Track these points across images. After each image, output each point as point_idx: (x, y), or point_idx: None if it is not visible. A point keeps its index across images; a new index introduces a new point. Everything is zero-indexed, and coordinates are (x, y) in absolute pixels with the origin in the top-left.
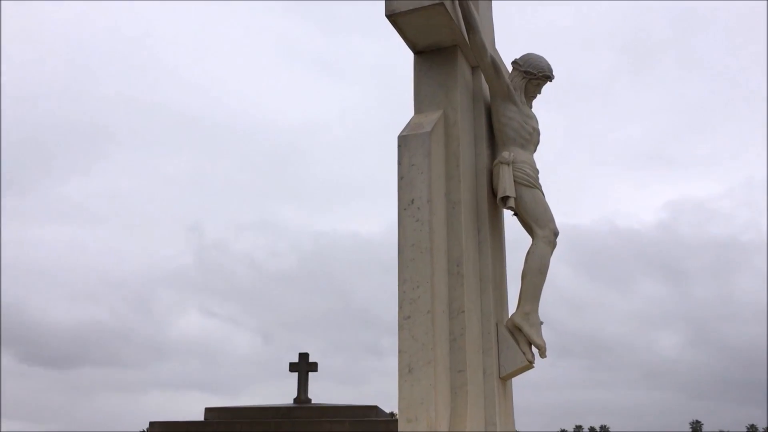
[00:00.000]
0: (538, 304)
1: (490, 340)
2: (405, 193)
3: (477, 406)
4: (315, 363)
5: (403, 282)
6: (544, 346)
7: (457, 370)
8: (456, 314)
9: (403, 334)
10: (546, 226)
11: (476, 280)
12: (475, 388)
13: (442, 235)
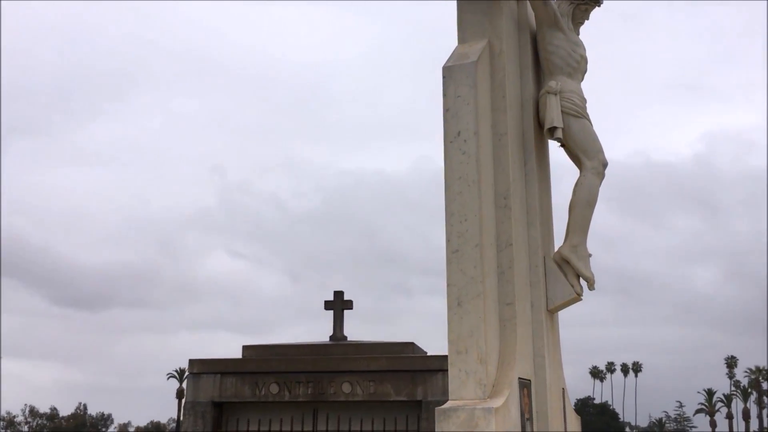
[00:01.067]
0: (586, 236)
1: (537, 273)
2: (451, 126)
3: (525, 338)
4: (350, 301)
5: (450, 215)
6: (592, 278)
7: (506, 302)
8: (504, 247)
9: (451, 268)
10: (595, 156)
11: (523, 213)
12: (523, 320)
13: (489, 167)
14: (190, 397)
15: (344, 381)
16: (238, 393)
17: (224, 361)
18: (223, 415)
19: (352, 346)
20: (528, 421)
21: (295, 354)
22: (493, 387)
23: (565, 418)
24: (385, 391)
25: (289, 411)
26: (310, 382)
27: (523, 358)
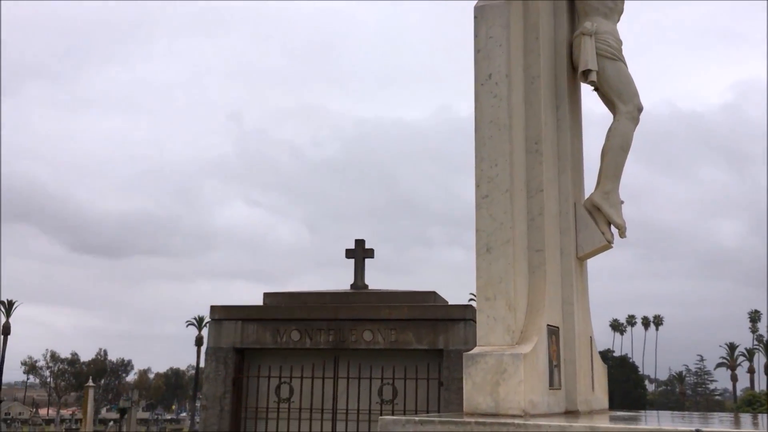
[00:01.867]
0: (618, 182)
1: (568, 219)
2: (482, 68)
3: (554, 285)
4: (371, 249)
5: (480, 160)
6: (624, 225)
7: (535, 249)
8: (534, 193)
9: (481, 213)
10: (630, 101)
11: (554, 158)
12: (553, 267)
13: (521, 111)
14: (211, 342)
15: (365, 329)
16: (259, 339)
17: (246, 307)
18: (245, 360)
19: (374, 294)
20: (555, 368)
21: (316, 302)
22: (521, 334)
23: (592, 366)
24: (406, 339)
25: (310, 358)
26: (332, 330)
27: (551, 306)
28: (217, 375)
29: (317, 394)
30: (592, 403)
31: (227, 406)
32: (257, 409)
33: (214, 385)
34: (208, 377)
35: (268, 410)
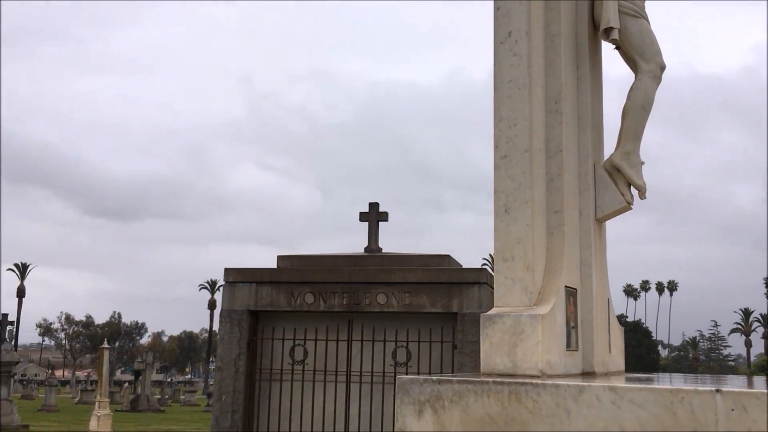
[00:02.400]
0: (639, 143)
1: (587, 180)
2: (502, 26)
3: (573, 247)
4: (385, 213)
5: (499, 120)
6: (644, 186)
7: (554, 210)
8: (553, 154)
9: (499, 174)
10: (652, 59)
11: (574, 118)
12: (571, 229)
13: (540, 70)
14: (226, 305)
15: (379, 292)
16: (273, 302)
17: (260, 270)
18: (259, 323)
19: (388, 257)
20: (573, 329)
21: (330, 265)
22: (539, 295)
23: (609, 328)
24: (420, 302)
25: (324, 320)
26: (346, 293)
27: (569, 267)
28: (231, 337)
29: (331, 357)
30: (609, 364)
31: (242, 367)
32: (271, 370)
33: (228, 347)
34: (223, 339)
35: (283, 372)
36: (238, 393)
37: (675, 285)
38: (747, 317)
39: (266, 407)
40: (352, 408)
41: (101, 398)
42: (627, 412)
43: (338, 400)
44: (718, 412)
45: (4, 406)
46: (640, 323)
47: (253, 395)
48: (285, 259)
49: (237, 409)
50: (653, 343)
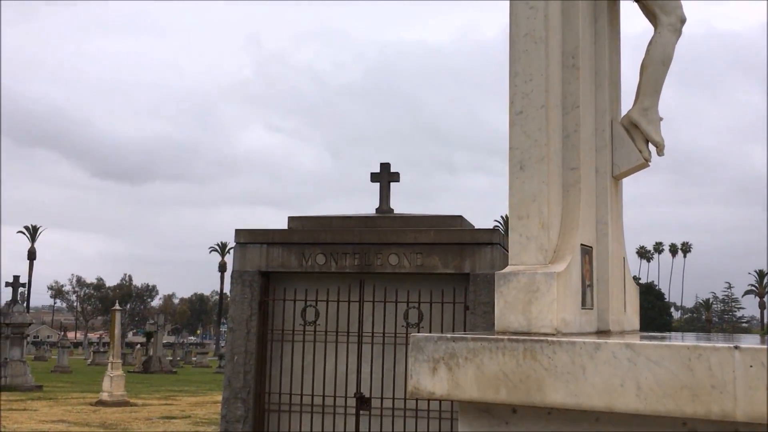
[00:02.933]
0: (658, 98)
1: (604, 137)
2: None
3: (589, 205)
4: (397, 173)
5: (514, 75)
6: (662, 143)
7: (570, 167)
8: (570, 109)
9: (514, 131)
10: (672, 12)
11: (591, 73)
12: (587, 186)
13: (557, 24)
14: (236, 266)
15: (391, 253)
16: (284, 263)
17: (270, 231)
18: (270, 284)
19: (400, 218)
20: (588, 287)
21: (341, 225)
22: (554, 253)
23: (625, 287)
24: (432, 263)
25: (335, 281)
26: (357, 254)
27: (585, 225)
28: (243, 298)
29: (342, 318)
30: (624, 323)
31: (253, 328)
32: (283, 331)
33: (240, 308)
34: (234, 300)
35: (294, 333)
36: (250, 353)
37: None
38: (761, 279)
39: (278, 367)
40: (364, 368)
41: (114, 359)
42: (643, 369)
43: (350, 360)
44: (736, 369)
45: (18, 367)
46: (652, 285)
47: (265, 356)
48: (296, 220)
49: (249, 369)
50: (666, 305)
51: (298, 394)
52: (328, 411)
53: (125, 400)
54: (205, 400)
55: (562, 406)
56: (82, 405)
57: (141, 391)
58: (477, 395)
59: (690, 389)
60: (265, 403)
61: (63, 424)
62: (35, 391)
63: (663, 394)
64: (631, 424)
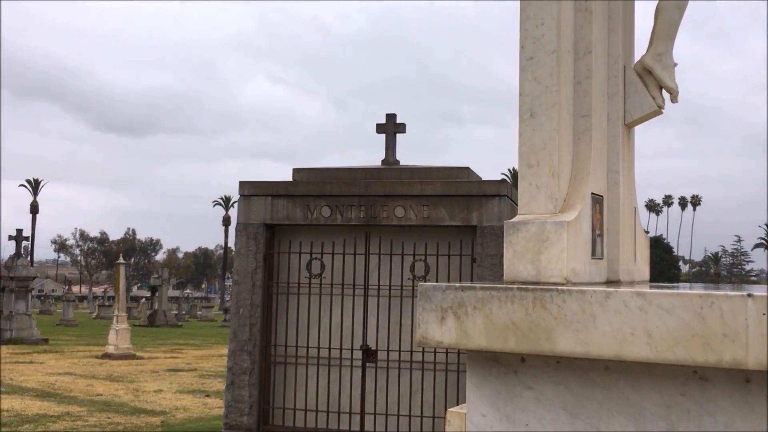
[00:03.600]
0: (672, 43)
1: (617, 83)
2: None
3: (600, 153)
4: (403, 124)
5: (525, 19)
6: (676, 89)
7: (581, 114)
8: (582, 55)
9: (525, 76)
10: None
11: (604, 17)
12: (599, 134)
13: None
14: (241, 218)
15: (397, 205)
16: (289, 215)
17: (275, 183)
18: (275, 237)
19: (406, 170)
20: (598, 237)
21: (347, 177)
22: (564, 202)
23: (635, 237)
24: (439, 215)
25: (341, 234)
26: (363, 206)
27: (596, 174)
28: (247, 251)
29: (348, 270)
30: (634, 273)
31: (258, 281)
32: (288, 284)
33: (245, 261)
34: (239, 253)
35: (300, 286)
36: (256, 306)
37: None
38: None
39: (284, 320)
40: (370, 321)
41: (119, 312)
42: (654, 317)
43: (356, 313)
44: (749, 317)
45: (24, 321)
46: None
47: (271, 308)
48: (301, 172)
49: (255, 322)
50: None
51: (304, 346)
52: (334, 364)
53: (131, 353)
54: (211, 353)
55: (571, 355)
56: (88, 358)
57: (146, 345)
58: (485, 344)
59: (701, 337)
60: (271, 355)
61: (70, 377)
62: (41, 344)
63: (674, 343)
64: (641, 373)
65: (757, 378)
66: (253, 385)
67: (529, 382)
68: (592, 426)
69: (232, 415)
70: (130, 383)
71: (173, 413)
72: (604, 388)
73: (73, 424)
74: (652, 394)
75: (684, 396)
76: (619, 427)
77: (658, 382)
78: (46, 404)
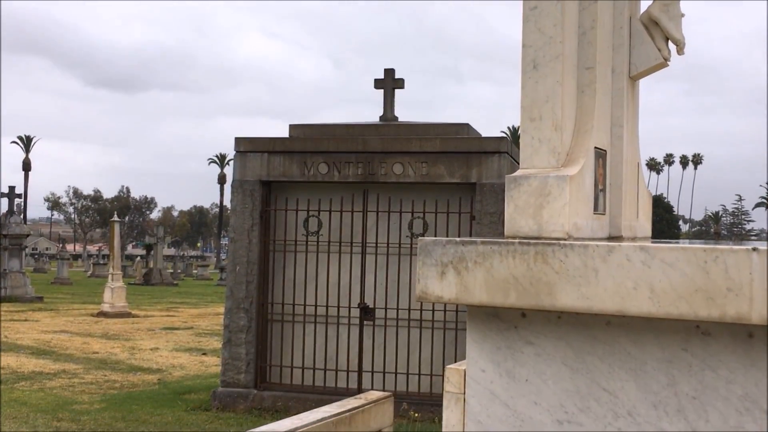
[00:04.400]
0: None
1: (622, 35)
2: None
3: (604, 106)
4: (401, 80)
5: None
6: (683, 41)
7: (585, 67)
8: (587, 5)
9: (528, 27)
10: None
11: None
12: (603, 86)
13: None
14: (237, 175)
15: (396, 162)
16: (286, 172)
17: (272, 140)
18: (272, 194)
19: (405, 126)
20: (601, 192)
21: (344, 134)
22: (567, 156)
23: (638, 193)
24: (438, 172)
25: (338, 191)
26: (361, 163)
27: (600, 128)
28: (244, 208)
29: (346, 228)
30: (637, 230)
31: (255, 238)
32: (285, 242)
33: (241, 218)
34: (235, 210)
35: (297, 243)
36: (252, 264)
37: (700, 158)
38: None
39: (281, 278)
40: (368, 279)
41: (114, 271)
42: (658, 271)
43: (353, 271)
44: (753, 271)
45: (18, 279)
46: (661, 198)
47: (267, 266)
48: (297, 128)
49: (251, 279)
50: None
51: (301, 304)
52: (332, 321)
53: (127, 312)
54: (207, 312)
55: (572, 310)
56: (83, 316)
57: (142, 303)
58: (486, 299)
59: (705, 292)
60: (268, 313)
61: (65, 335)
62: (36, 302)
63: (677, 297)
64: (643, 328)
65: (760, 333)
66: (250, 342)
67: (529, 337)
68: (592, 381)
69: (229, 373)
70: (126, 341)
71: (170, 371)
72: (605, 344)
73: (70, 382)
74: (653, 349)
75: (686, 351)
76: (619, 381)
77: (660, 337)
78: (42, 362)
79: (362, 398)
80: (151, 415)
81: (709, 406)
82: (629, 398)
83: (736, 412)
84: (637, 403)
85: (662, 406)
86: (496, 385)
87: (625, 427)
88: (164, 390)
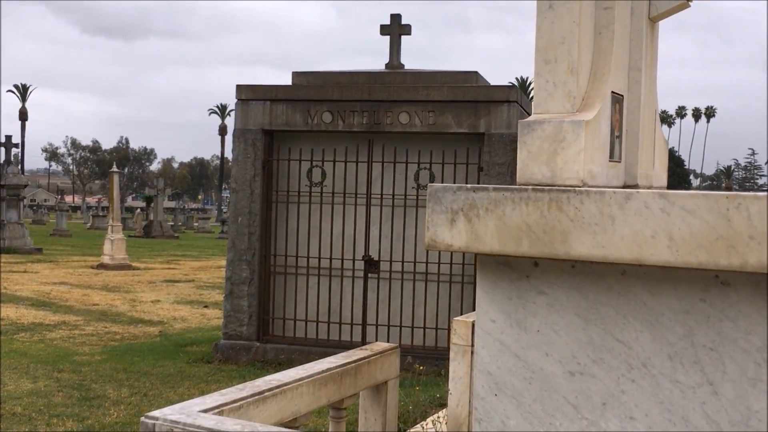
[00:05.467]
0: None
1: None
2: None
3: (622, 49)
4: (408, 26)
5: None
6: None
7: (603, 7)
8: None
9: None
10: None
11: None
12: (621, 28)
13: None
14: (238, 124)
15: (402, 111)
16: (289, 121)
17: (274, 87)
18: (274, 143)
19: (411, 74)
20: (617, 139)
21: (349, 82)
22: (582, 101)
23: (655, 141)
24: (445, 122)
25: (342, 141)
26: (366, 112)
27: (617, 71)
28: (245, 158)
29: (350, 179)
30: (653, 179)
31: (257, 189)
32: (288, 193)
33: (243, 168)
34: (237, 160)
35: (300, 194)
36: (254, 215)
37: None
38: None
39: (283, 230)
40: (373, 231)
41: (114, 222)
42: (677, 219)
43: (358, 223)
44: None
45: (16, 230)
46: (673, 151)
47: (270, 217)
48: (300, 76)
49: (254, 231)
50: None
51: (304, 256)
52: (336, 274)
53: (127, 264)
54: (208, 265)
55: (587, 259)
56: (83, 268)
57: (142, 255)
58: (497, 248)
59: (726, 240)
60: (270, 265)
61: (65, 287)
62: (35, 253)
63: (696, 246)
64: (660, 278)
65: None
66: (252, 295)
67: (541, 287)
68: (606, 332)
69: (231, 326)
70: (127, 293)
71: (171, 323)
72: (620, 294)
73: (70, 333)
74: (670, 300)
75: (704, 302)
76: (634, 333)
77: (678, 287)
78: (42, 313)
79: (368, 349)
80: (153, 366)
81: (727, 357)
82: (644, 349)
83: (755, 364)
84: (651, 355)
85: (678, 357)
86: (506, 335)
87: (639, 378)
88: (166, 342)
